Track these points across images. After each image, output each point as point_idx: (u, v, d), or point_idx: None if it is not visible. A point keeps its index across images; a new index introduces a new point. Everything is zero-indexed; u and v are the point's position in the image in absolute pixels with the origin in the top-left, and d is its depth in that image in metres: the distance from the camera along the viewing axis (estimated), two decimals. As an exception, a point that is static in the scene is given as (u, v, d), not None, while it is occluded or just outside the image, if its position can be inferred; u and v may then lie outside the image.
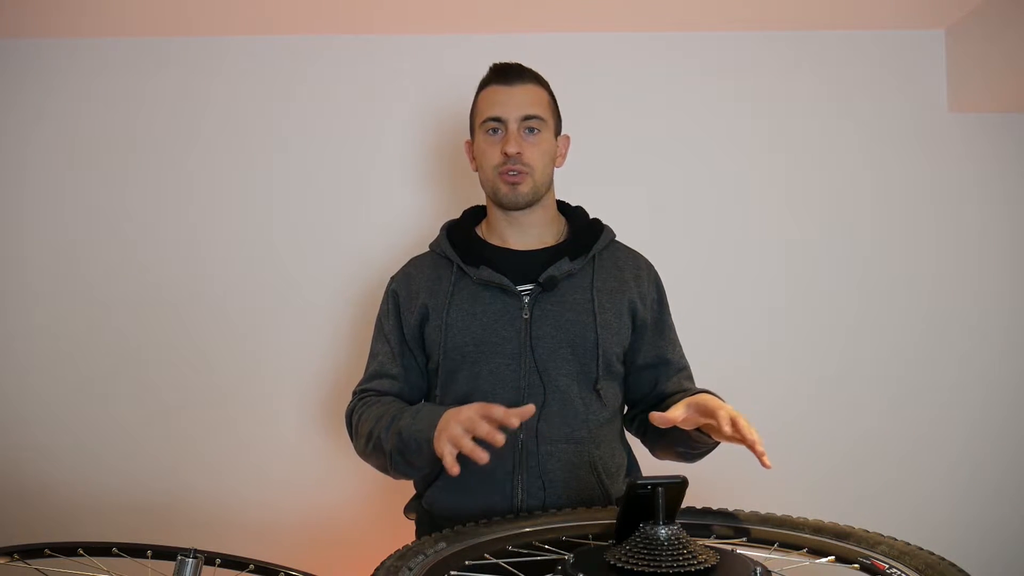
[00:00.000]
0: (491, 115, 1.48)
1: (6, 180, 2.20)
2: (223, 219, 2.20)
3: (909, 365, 2.19)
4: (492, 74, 1.51)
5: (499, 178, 1.47)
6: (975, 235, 2.22)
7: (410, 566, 1.00)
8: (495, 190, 1.49)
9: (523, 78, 1.49)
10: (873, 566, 1.02)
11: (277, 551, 1.79)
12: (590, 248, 1.50)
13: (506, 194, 1.47)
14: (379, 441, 1.39)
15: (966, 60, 2.16)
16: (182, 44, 2.22)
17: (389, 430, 1.37)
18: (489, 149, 1.49)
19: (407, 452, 1.34)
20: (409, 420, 1.35)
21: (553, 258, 1.48)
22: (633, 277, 1.52)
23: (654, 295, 1.54)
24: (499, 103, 1.47)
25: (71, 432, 2.15)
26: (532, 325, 1.44)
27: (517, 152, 1.45)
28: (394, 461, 1.37)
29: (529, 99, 1.48)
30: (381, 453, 1.39)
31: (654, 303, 1.53)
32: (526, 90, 1.48)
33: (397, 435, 1.35)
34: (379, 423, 1.40)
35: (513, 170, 1.45)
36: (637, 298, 1.50)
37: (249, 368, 2.17)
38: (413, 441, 1.32)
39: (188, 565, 1.28)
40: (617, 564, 0.94)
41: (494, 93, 1.49)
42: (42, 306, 2.18)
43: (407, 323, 1.51)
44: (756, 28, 2.22)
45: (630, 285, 1.51)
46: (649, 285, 1.54)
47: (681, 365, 1.54)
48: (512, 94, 1.47)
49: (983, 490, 2.18)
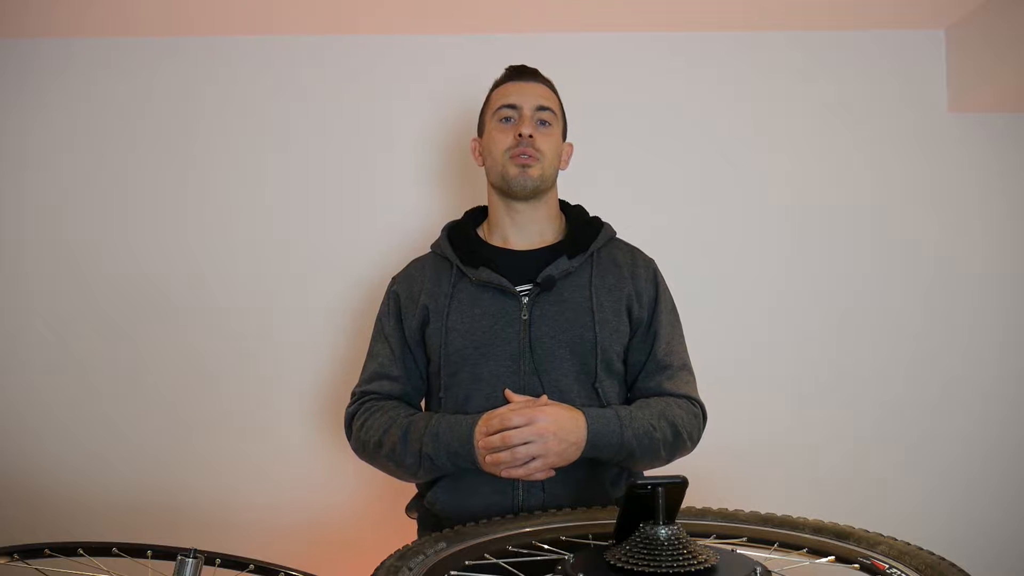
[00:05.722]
0: (506, 103, 1.52)
1: (6, 180, 2.20)
2: (223, 220, 2.20)
3: (909, 365, 2.19)
4: (508, 72, 1.58)
5: (510, 161, 1.49)
6: (975, 235, 2.22)
7: (410, 566, 1.00)
8: (504, 174, 1.50)
9: (537, 78, 1.57)
10: (873, 566, 1.02)
11: (277, 551, 1.78)
12: (588, 246, 1.51)
13: (515, 176, 1.49)
14: (394, 453, 1.42)
15: (966, 60, 2.16)
16: (182, 44, 2.22)
17: (407, 446, 1.40)
18: (500, 135, 1.51)
19: (438, 470, 1.41)
20: (432, 442, 1.38)
21: (552, 256, 1.49)
22: (631, 274, 1.52)
23: (652, 292, 1.53)
24: (515, 93, 1.53)
25: (71, 432, 2.15)
26: (531, 326, 1.44)
27: (531, 135, 1.48)
28: (419, 475, 1.44)
29: (542, 94, 1.55)
30: (395, 463, 1.43)
31: (650, 300, 1.52)
32: (539, 87, 1.56)
33: (426, 458, 1.39)
34: (388, 434, 1.43)
35: (526, 152, 1.48)
36: (634, 296, 1.50)
37: (249, 368, 2.16)
38: (448, 463, 1.38)
39: (188, 565, 1.28)
40: (617, 564, 0.94)
41: (509, 87, 1.55)
42: (42, 305, 2.18)
43: (408, 325, 1.52)
44: (756, 28, 2.22)
45: (627, 282, 1.51)
46: (647, 282, 1.53)
47: (665, 363, 1.48)
48: (526, 88, 1.54)
49: (983, 490, 2.17)
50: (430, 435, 1.38)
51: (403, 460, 1.41)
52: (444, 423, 1.39)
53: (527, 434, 1.31)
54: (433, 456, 1.38)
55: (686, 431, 1.43)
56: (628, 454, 1.38)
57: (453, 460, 1.37)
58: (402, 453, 1.40)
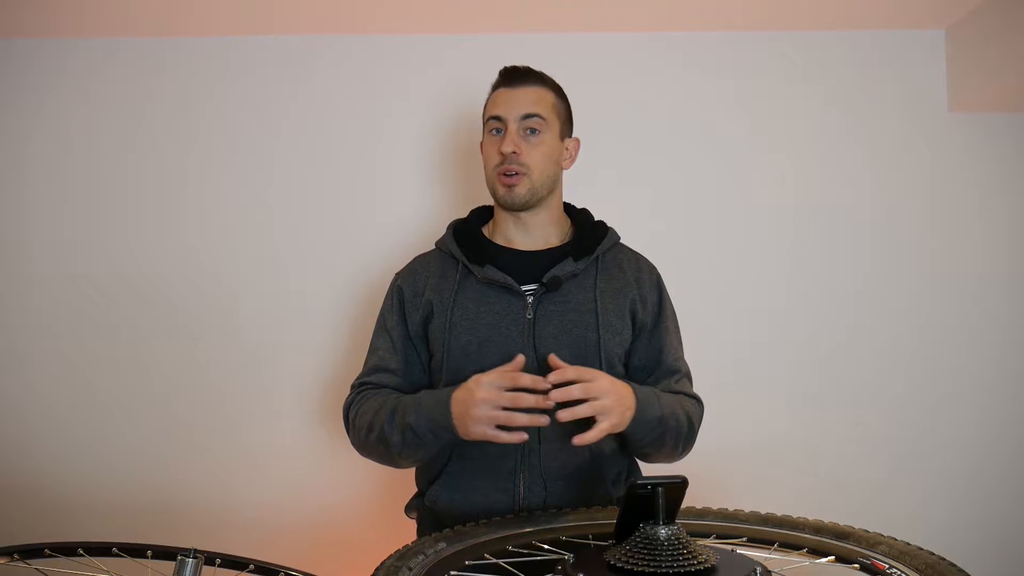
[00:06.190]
0: (492, 114, 1.51)
1: (6, 180, 2.20)
2: (224, 220, 2.20)
3: (909, 364, 2.19)
4: (499, 77, 1.54)
5: (497, 178, 1.49)
6: (975, 235, 2.22)
7: (410, 566, 1.00)
8: (494, 190, 1.52)
9: (527, 80, 1.51)
10: (873, 566, 1.02)
11: (277, 551, 1.79)
12: (594, 249, 1.51)
13: (503, 195, 1.49)
14: (382, 433, 1.39)
15: (966, 60, 2.16)
16: (182, 44, 2.22)
17: (393, 423, 1.38)
18: (490, 148, 1.51)
19: (421, 444, 1.36)
20: (414, 412, 1.36)
21: (557, 258, 1.49)
22: (635, 279, 1.53)
23: (655, 298, 1.54)
24: (501, 103, 1.50)
25: (71, 432, 2.15)
26: (535, 325, 1.44)
27: (512, 152, 1.46)
28: (404, 453, 1.39)
29: (531, 99, 1.49)
30: (384, 444, 1.40)
31: (654, 306, 1.54)
32: (529, 91, 1.50)
33: (408, 429, 1.35)
34: (378, 415, 1.41)
35: (510, 170, 1.46)
36: (638, 300, 1.51)
37: (250, 368, 2.16)
38: (429, 433, 1.34)
39: (188, 565, 1.28)
40: (617, 564, 0.94)
41: (498, 95, 1.52)
42: (42, 306, 2.18)
43: (411, 319, 1.52)
44: (756, 28, 2.22)
45: (632, 286, 1.52)
46: (651, 288, 1.54)
47: (674, 368, 1.51)
48: (514, 95, 1.50)
49: (983, 490, 2.18)
50: (413, 406, 1.37)
51: (391, 438, 1.38)
52: (429, 395, 1.39)
53: (595, 390, 1.25)
54: (415, 426, 1.34)
55: (696, 425, 1.46)
56: (661, 432, 1.37)
57: (433, 429, 1.34)
58: (389, 431, 1.38)
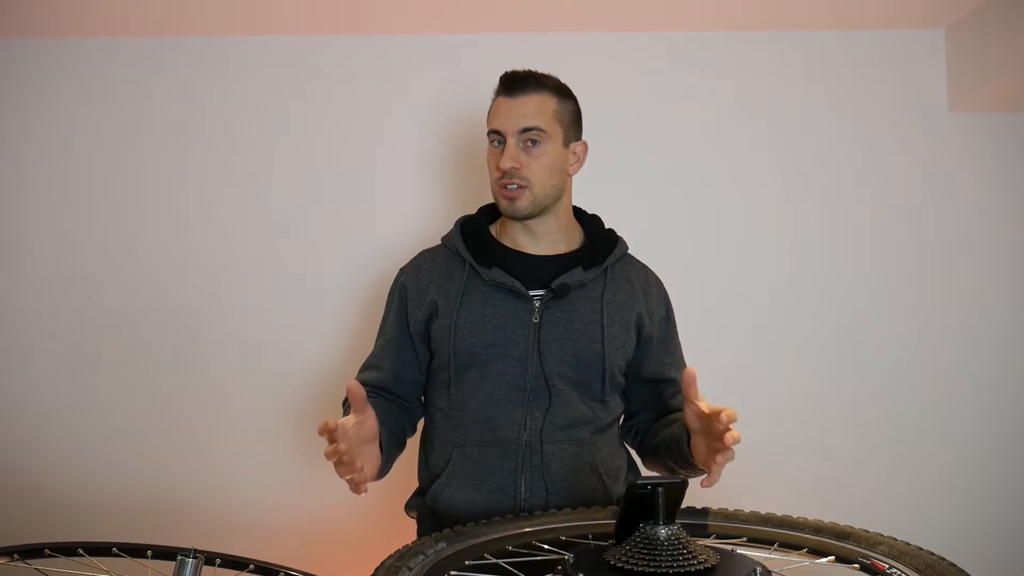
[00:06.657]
0: (491, 127, 1.48)
1: (6, 180, 2.20)
2: (224, 220, 2.20)
3: (909, 364, 2.19)
4: (499, 85, 1.49)
5: (499, 191, 1.48)
6: (975, 235, 2.22)
7: (410, 566, 1.00)
8: (497, 202, 1.50)
9: (527, 89, 1.46)
10: (873, 566, 1.02)
11: (277, 551, 1.78)
12: (604, 259, 1.51)
13: (505, 208, 1.48)
14: None
15: (966, 60, 2.16)
16: (182, 44, 2.22)
17: None
18: (491, 158, 1.49)
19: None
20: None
21: (566, 265, 1.48)
22: (643, 292, 1.53)
23: (662, 312, 1.55)
24: (500, 115, 1.47)
25: (71, 432, 2.15)
26: (541, 330, 1.44)
27: (511, 167, 1.44)
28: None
29: (530, 110, 1.45)
30: None
31: (661, 320, 1.54)
32: (528, 101, 1.45)
33: None
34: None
35: (511, 184, 1.45)
36: (645, 313, 1.51)
37: (250, 368, 2.17)
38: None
39: (188, 565, 1.28)
40: (617, 564, 0.94)
41: (498, 105, 1.48)
42: (42, 305, 2.18)
43: (413, 317, 1.51)
44: (756, 28, 2.22)
45: (639, 299, 1.52)
46: (658, 302, 1.55)
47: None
48: (512, 106, 1.45)
49: (983, 490, 2.18)
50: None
51: None
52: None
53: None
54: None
55: None
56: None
57: None
58: None
